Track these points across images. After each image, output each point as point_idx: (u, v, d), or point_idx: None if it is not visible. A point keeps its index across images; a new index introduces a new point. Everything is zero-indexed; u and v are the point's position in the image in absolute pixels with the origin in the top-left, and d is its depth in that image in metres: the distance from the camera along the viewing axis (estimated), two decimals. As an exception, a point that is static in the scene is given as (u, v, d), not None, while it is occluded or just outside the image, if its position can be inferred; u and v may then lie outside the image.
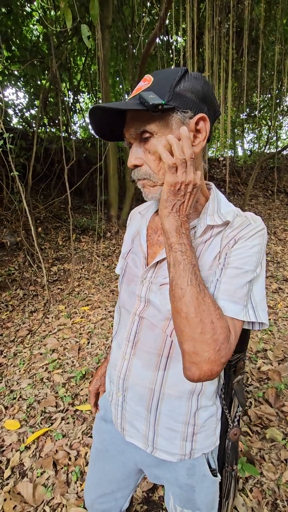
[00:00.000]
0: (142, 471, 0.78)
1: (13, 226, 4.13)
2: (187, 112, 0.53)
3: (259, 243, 0.55)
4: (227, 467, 0.67)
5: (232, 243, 0.55)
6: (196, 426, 0.62)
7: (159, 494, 1.30)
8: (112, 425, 0.74)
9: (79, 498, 1.28)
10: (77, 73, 5.85)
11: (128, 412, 0.65)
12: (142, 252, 0.66)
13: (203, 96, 0.54)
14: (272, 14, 4.18)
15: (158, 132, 0.53)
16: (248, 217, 0.58)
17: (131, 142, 0.58)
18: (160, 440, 0.63)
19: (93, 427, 0.83)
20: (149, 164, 0.56)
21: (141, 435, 0.64)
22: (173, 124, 0.53)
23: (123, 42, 5.20)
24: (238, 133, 8.13)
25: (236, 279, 0.53)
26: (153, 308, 0.61)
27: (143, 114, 0.52)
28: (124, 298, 0.69)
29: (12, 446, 1.55)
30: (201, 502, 0.65)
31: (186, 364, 0.49)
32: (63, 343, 2.50)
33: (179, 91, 0.52)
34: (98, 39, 2.77)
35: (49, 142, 5.26)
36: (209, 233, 0.58)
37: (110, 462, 0.76)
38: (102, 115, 0.56)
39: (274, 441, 1.51)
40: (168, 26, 4.65)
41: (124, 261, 0.73)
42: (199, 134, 0.55)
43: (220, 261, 0.55)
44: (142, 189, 0.60)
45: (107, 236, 5.11)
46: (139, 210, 0.79)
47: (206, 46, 3.23)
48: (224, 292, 0.53)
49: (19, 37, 4.34)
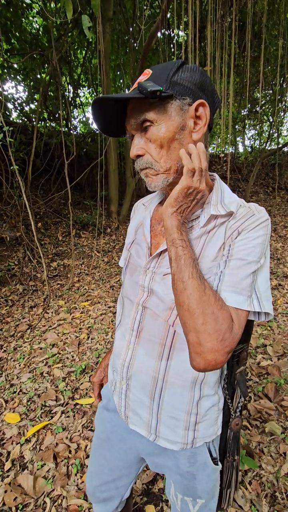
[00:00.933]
0: (144, 460, 0.78)
1: (12, 221, 4.12)
2: (186, 99, 0.54)
3: (263, 234, 0.55)
4: (228, 457, 0.68)
5: (236, 234, 0.56)
6: (199, 415, 0.62)
7: (159, 486, 1.31)
8: (114, 414, 0.75)
9: (79, 490, 1.29)
10: (77, 67, 5.78)
11: (131, 401, 0.66)
12: (145, 243, 0.67)
13: (200, 85, 0.55)
14: (275, 8, 4.13)
15: (158, 119, 0.54)
16: (252, 208, 0.58)
17: (132, 134, 0.59)
18: (163, 428, 0.63)
19: (95, 417, 0.84)
20: (150, 152, 0.56)
21: (144, 423, 0.65)
22: (172, 111, 0.54)
23: (124, 35, 5.14)
24: (239, 129, 8.09)
25: (239, 270, 0.53)
26: (156, 298, 0.61)
27: (142, 104, 0.53)
28: (128, 288, 0.69)
29: (13, 439, 1.55)
30: (201, 490, 0.65)
31: (192, 354, 0.51)
32: (63, 338, 2.50)
33: (176, 79, 0.53)
34: (99, 32, 2.73)
35: (49, 137, 5.22)
36: (213, 223, 0.58)
37: (112, 450, 0.77)
38: (104, 108, 0.56)
39: (273, 434, 1.52)
40: (169, 20, 4.59)
41: (127, 252, 0.73)
42: (199, 121, 0.56)
43: (224, 253, 0.56)
44: (145, 179, 0.60)
45: (107, 232, 5.10)
46: (143, 202, 0.79)
47: (208, 40, 3.19)
48: (227, 283, 0.53)
49: (18, 30, 4.28)
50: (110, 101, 0.55)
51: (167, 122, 0.54)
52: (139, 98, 0.51)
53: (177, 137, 0.55)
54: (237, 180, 7.85)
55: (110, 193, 5.31)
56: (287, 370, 1.99)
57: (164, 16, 3.58)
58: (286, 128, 8.82)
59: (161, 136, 0.54)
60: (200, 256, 0.57)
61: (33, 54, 4.17)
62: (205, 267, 0.57)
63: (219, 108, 0.63)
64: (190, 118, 0.55)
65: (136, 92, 0.51)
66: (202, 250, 0.58)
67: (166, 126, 0.54)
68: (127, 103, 0.57)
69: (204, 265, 0.57)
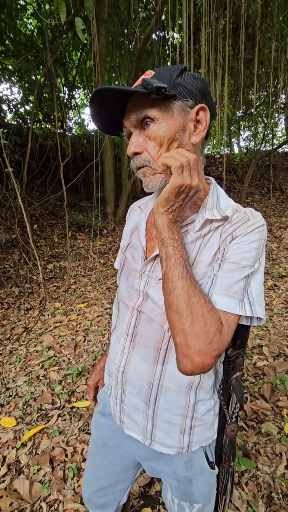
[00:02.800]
0: (140, 465, 0.78)
1: (8, 223, 4.09)
2: (188, 101, 0.54)
3: (258, 239, 0.55)
4: (224, 463, 0.68)
5: (230, 239, 0.55)
6: (194, 419, 0.62)
7: (155, 489, 1.31)
8: (111, 419, 0.75)
9: (76, 494, 1.28)
10: (72, 69, 5.78)
11: (127, 405, 0.66)
12: (140, 246, 0.66)
13: (202, 91, 0.56)
14: (269, 11, 4.17)
15: (160, 117, 0.53)
16: (248, 213, 0.58)
17: (130, 132, 0.58)
18: (158, 433, 0.63)
19: (92, 421, 0.83)
20: (149, 151, 0.56)
21: (139, 428, 0.65)
22: (174, 111, 0.54)
23: (119, 37, 5.15)
24: (234, 131, 8.14)
25: (232, 273, 0.53)
26: (152, 302, 0.61)
27: (144, 101, 0.53)
28: (123, 292, 0.68)
29: (8, 443, 1.54)
30: (198, 494, 0.65)
31: (179, 356, 0.50)
32: (59, 340, 2.49)
33: (180, 81, 0.54)
34: (94, 33, 2.74)
35: (44, 139, 5.21)
36: (208, 227, 0.58)
37: (109, 456, 0.76)
38: (103, 101, 0.55)
39: (269, 435, 1.53)
40: (164, 22, 4.61)
41: (122, 256, 0.73)
42: (199, 125, 0.56)
43: (218, 256, 0.55)
44: (143, 178, 0.59)
45: (103, 233, 5.09)
46: (139, 204, 0.79)
47: (203, 42, 3.21)
48: (219, 286, 0.53)
49: (13, 31, 4.27)
50: (111, 94, 0.54)
51: (168, 121, 0.53)
52: (143, 93, 0.51)
53: (177, 137, 0.55)
54: (233, 181, 7.90)
55: (106, 194, 5.30)
56: (283, 370, 2.00)
57: (159, 18, 3.59)
58: (281, 130, 8.90)
59: (161, 135, 0.54)
60: (196, 260, 0.57)
61: (28, 55, 4.16)
62: (201, 272, 0.56)
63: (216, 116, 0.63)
64: (191, 120, 0.55)
65: (140, 87, 0.51)
66: (198, 255, 0.57)
67: (168, 125, 0.53)
68: (128, 98, 0.56)
69: (199, 270, 0.56)
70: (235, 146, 9.41)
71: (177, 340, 0.49)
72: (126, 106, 0.57)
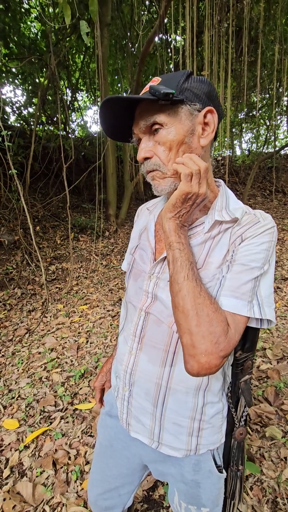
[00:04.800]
0: (147, 467, 0.78)
1: (11, 225, 4.11)
2: (196, 104, 0.55)
3: (267, 241, 0.55)
4: (232, 466, 0.67)
5: (239, 241, 0.56)
6: (202, 421, 0.62)
7: (159, 493, 1.30)
8: (117, 420, 0.74)
9: (79, 497, 1.27)
10: (75, 71, 5.81)
11: (134, 407, 0.65)
12: (150, 248, 0.67)
13: (209, 94, 0.57)
14: (272, 14, 4.19)
15: (168, 123, 0.54)
16: (258, 215, 0.58)
17: (140, 138, 0.59)
18: (166, 435, 0.63)
19: (98, 423, 0.83)
20: (159, 155, 0.57)
21: (147, 430, 0.64)
22: (182, 115, 0.55)
23: (122, 40, 5.18)
24: (236, 133, 8.15)
25: (241, 275, 0.53)
26: (160, 304, 0.61)
27: (153, 107, 0.54)
28: (131, 293, 0.68)
29: (11, 445, 1.53)
30: (206, 498, 0.65)
31: (186, 357, 0.51)
32: (62, 342, 2.48)
33: (186, 86, 0.55)
34: (97, 36, 2.75)
35: (47, 141, 5.23)
36: (217, 228, 0.58)
37: (115, 457, 0.76)
38: (112, 110, 0.56)
39: (273, 439, 1.51)
40: (167, 25, 4.64)
41: (131, 257, 0.73)
42: (207, 127, 0.57)
43: (228, 258, 0.56)
44: (152, 182, 0.60)
45: (105, 235, 5.10)
46: (147, 206, 0.79)
47: (206, 45, 3.23)
48: (227, 287, 0.53)
49: (17, 34, 4.30)
50: (119, 102, 0.55)
51: (177, 126, 0.54)
52: (151, 100, 0.52)
53: (186, 140, 0.55)
54: (235, 183, 7.89)
55: (108, 196, 5.31)
56: (286, 373, 1.99)
57: (162, 21, 3.61)
58: (283, 132, 8.90)
59: (170, 139, 0.54)
60: (205, 262, 0.57)
61: (32, 58, 4.19)
62: (210, 273, 0.56)
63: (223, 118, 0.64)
64: (199, 124, 0.56)
65: (148, 94, 0.52)
66: (207, 256, 0.57)
67: (176, 129, 0.54)
68: (136, 106, 0.57)
69: (209, 271, 0.56)
70: (237, 148, 9.42)
71: (184, 341, 0.50)
72: (134, 113, 0.58)
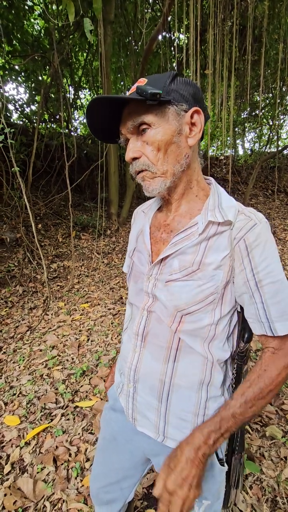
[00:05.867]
0: (149, 461, 0.78)
1: (13, 222, 4.11)
2: (182, 105, 0.56)
3: (272, 242, 0.57)
4: (236, 454, 0.68)
5: (244, 246, 0.56)
6: (206, 416, 0.63)
7: (159, 491, 1.31)
8: (121, 414, 0.76)
9: (79, 494, 1.28)
10: (78, 69, 5.80)
11: (139, 403, 0.67)
12: (146, 250, 0.67)
13: (195, 96, 0.57)
14: (276, 12, 4.16)
15: (156, 123, 0.55)
16: (252, 217, 0.58)
17: (127, 138, 0.59)
18: (171, 430, 0.64)
19: (101, 417, 0.84)
20: (147, 155, 0.57)
21: (152, 424, 0.65)
22: (170, 116, 0.55)
23: (125, 38, 5.17)
24: (239, 132, 8.12)
25: (279, 294, 0.56)
26: (160, 303, 0.62)
27: (140, 107, 0.54)
28: (133, 295, 0.69)
29: (12, 442, 1.54)
30: (208, 491, 0.65)
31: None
32: (63, 340, 2.49)
33: (173, 87, 0.56)
34: (100, 34, 2.75)
35: (49, 138, 5.23)
36: (213, 230, 0.58)
37: (118, 451, 0.77)
38: (100, 110, 0.57)
39: (274, 439, 1.51)
40: (170, 23, 4.62)
41: (130, 260, 0.73)
42: (194, 127, 0.58)
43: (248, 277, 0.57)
44: (142, 183, 0.60)
45: (107, 234, 5.10)
46: (142, 208, 0.79)
47: (209, 43, 3.21)
48: (275, 313, 0.56)
49: (20, 31, 4.29)
50: (107, 102, 0.55)
51: (164, 126, 0.55)
52: (139, 100, 0.52)
53: (174, 140, 0.56)
54: (237, 183, 7.88)
55: (110, 195, 5.31)
56: (287, 373, 1.99)
57: (165, 19, 3.60)
58: (286, 131, 8.86)
59: (159, 139, 0.55)
60: (202, 263, 0.57)
61: (35, 56, 4.18)
62: (208, 275, 0.57)
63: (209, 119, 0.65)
64: (186, 124, 0.56)
65: (135, 95, 0.53)
66: (204, 257, 0.58)
67: (164, 129, 0.55)
68: (124, 106, 0.57)
69: (206, 272, 0.57)
70: (239, 148, 9.39)
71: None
72: (122, 114, 0.58)
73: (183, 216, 0.63)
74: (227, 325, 0.62)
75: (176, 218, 0.64)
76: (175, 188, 0.61)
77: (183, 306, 0.58)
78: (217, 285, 0.57)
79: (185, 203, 0.63)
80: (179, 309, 0.58)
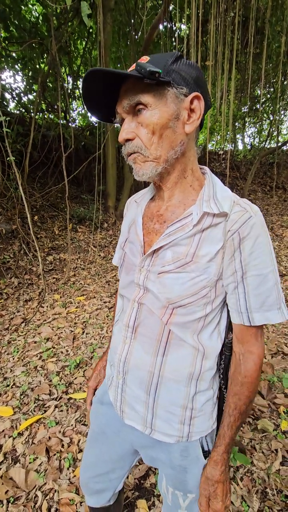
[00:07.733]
0: (137, 453, 0.79)
1: (8, 214, 4.06)
2: (183, 88, 0.53)
3: (265, 235, 0.56)
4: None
5: (237, 238, 0.55)
6: (194, 410, 0.63)
7: (150, 481, 1.32)
8: (109, 407, 0.75)
9: (71, 484, 1.29)
10: (77, 58, 5.68)
11: (128, 395, 0.66)
12: (138, 241, 0.65)
13: (197, 80, 0.54)
14: (279, 4, 4.08)
15: (153, 104, 0.52)
16: (248, 208, 0.56)
17: (123, 118, 0.57)
18: (158, 422, 0.63)
19: (90, 410, 0.84)
20: (141, 137, 0.54)
21: (140, 417, 0.65)
22: (168, 98, 0.53)
23: (125, 27, 5.06)
24: (239, 127, 8.05)
25: (260, 287, 0.55)
26: (152, 295, 0.61)
27: (137, 86, 0.52)
28: (124, 286, 0.68)
29: (5, 432, 1.55)
30: (192, 484, 0.65)
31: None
32: (58, 332, 2.49)
33: (175, 68, 0.53)
34: (100, 22, 2.67)
35: (47, 129, 5.14)
36: (208, 221, 0.57)
37: (107, 443, 0.77)
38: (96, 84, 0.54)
39: (265, 431, 1.53)
40: (172, 12, 4.52)
41: (121, 251, 0.71)
42: (193, 114, 0.55)
43: (236, 268, 0.56)
44: (133, 165, 0.58)
45: (104, 227, 5.07)
46: (135, 198, 0.77)
47: (211, 35, 3.15)
48: (255, 305, 0.56)
49: (17, 17, 4.17)
50: (102, 76, 0.52)
51: (161, 108, 0.52)
52: (137, 77, 0.50)
53: (170, 124, 0.53)
54: (235, 178, 7.85)
55: (107, 187, 5.26)
56: (280, 368, 2.01)
57: (167, 8, 3.52)
58: (286, 127, 8.81)
59: (154, 122, 0.52)
60: (195, 255, 0.56)
61: (32, 43, 4.07)
62: (201, 267, 0.56)
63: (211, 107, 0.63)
64: (185, 109, 0.54)
65: (134, 72, 0.50)
66: (197, 249, 0.56)
67: (161, 112, 0.52)
68: (122, 83, 0.54)
69: (199, 264, 0.56)
70: (239, 143, 9.33)
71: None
72: (119, 91, 0.55)
73: (177, 206, 0.61)
74: (218, 315, 0.62)
75: (169, 208, 0.62)
76: (167, 175, 0.59)
77: (175, 299, 0.57)
78: (210, 277, 0.56)
79: (179, 193, 0.61)
80: (171, 302, 0.57)
